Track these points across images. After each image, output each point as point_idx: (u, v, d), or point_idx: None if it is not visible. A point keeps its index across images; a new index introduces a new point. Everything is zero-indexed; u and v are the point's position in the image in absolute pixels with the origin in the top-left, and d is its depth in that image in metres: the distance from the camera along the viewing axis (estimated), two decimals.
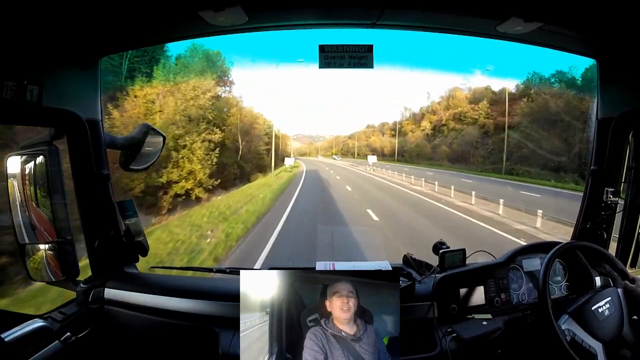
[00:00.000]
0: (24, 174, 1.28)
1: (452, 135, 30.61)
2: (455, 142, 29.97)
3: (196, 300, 1.42)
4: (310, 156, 48.57)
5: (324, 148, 52.19)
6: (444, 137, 31.51)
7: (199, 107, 17.49)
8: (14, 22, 0.99)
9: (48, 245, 1.31)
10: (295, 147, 48.04)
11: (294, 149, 47.89)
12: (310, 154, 50.41)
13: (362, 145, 44.72)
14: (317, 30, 1.49)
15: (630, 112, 1.46)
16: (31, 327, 1.19)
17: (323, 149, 51.88)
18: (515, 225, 9.28)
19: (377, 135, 42.83)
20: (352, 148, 46.91)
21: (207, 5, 1.11)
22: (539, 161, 21.11)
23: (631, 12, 1.10)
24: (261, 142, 23.81)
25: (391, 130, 40.51)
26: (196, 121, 17.29)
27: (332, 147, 50.83)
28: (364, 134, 45.57)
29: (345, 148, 48.36)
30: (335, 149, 49.66)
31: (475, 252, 1.66)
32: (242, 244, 8.03)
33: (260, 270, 1.25)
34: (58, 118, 1.26)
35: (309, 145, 51.71)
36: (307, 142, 51.71)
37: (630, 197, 1.59)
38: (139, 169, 1.53)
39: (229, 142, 19.94)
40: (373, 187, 17.91)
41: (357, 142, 45.63)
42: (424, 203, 13.28)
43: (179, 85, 17.18)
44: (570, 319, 1.32)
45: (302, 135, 50.77)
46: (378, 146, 40.62)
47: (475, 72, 29.45)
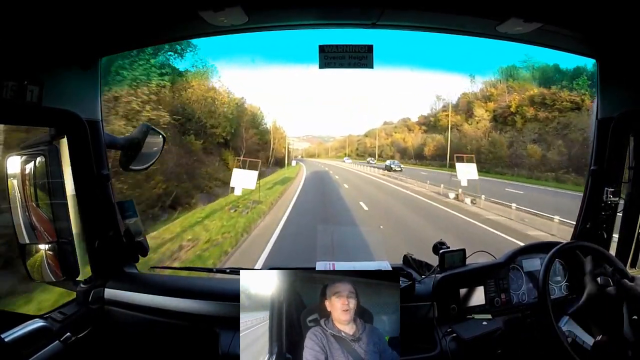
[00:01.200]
0: (24, 174, 1.28)
1: (531, 127, 21.31)
2: (551, 136, 19.44)
3: (196, 300, 1.42)
4: (319, 157, 45.20)
5: (335, 148, 48.13)
6: (518, 131, 21.97)
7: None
8: (14, 22, 0.99)
9: (48, 245, 1.31)
10: (304, 147, 46.42)
11: (303, 150, 46.21)
12: (320, 155, 47.26)
13: (384, 144, 38.76)
14: (317, 30, 1.49)
15: (630, 112, 1.46)
16: (31, 327, 1.19)
17: (334, 150, 47.62)
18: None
19: (402, 131, 36.82)
20: (370, 148, 40.97)
21: (207, 5, 1.12)
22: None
23: (631, 12, 1.10)
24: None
25: (422, 126, 33.32)
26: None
27: (344, 147, 46.29)
28: (382, 131, 39.96)
29: (361, 148, 42.94)
30: (349, 149, 44.51)
31: (475, 252, 1.66)
32: None
33: (260, 270, 1.25)
34: (58, 118, 1.26)
35: (319, 146, 49.01)
36: (317, 142, 50.07)
37: (630, 197, 1.59)
38: (139, 169, 1.53)
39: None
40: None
41: (377, 141, 39.71)
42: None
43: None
44: (570, 320, 1.32)
45: (312, 135, 49.26)
46: (409, 144, 34.14)
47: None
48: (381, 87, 52.37)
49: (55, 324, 1.28)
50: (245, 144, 20.95)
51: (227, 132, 19.75)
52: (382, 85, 51.85)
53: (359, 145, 44.17)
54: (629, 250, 1.64)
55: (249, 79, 39.81)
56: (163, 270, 1.78)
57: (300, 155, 45.37)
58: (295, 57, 31.28)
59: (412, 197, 14.16)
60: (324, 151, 49.23)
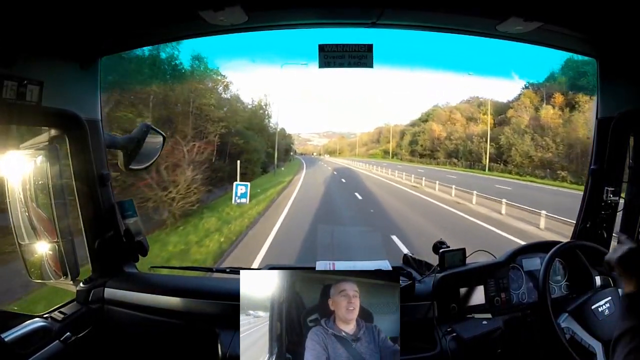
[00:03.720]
0: (24, 174, 1.28)
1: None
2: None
3: (196, 300, 1.42)
4: (342, 155, 36.87)
5: (363, 143, 36.72)
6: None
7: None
8: (14, 21, 0.99)
9: (48, 245, 1.31)
10: (323, 143, 41.86)
11: (322, 147, 41.83)
12: (342, 151, 39.09)
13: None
14: (317, 30, 1.49)
15: (630, 111, 1.46)
16: (31, 327, 1.19)
17: (363, 145, 35.85)
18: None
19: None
20: (441, 142, 26.29)
21: (207, 5, 1.11)
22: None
23: (631, 12, 1.10)
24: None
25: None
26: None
27: (377, 139, 33.50)
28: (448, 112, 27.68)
29: (428, 142, 27.30)
30: (393, 143, 30.12)
31: (475, 252, 1.66)
32: None
33: (260, 270, 1.25)
34: (58, 118, 1.26)
35: (340, 141, 42.92)
36: (338, 137, 47.07)
37: (630, 197, 1.59)
38: (139, 169, 1.53)
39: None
40: None
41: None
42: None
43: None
44: (570, 317, 1.32)
45: (332, 131, 46.64)
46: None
47: None
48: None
49: (55, 323, 1.28)
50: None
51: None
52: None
53: (416, 137, 29.26)
54: None
55: (249, 79, 39.50)
56: (163, 270, 1.78)
57: (319, 152, 40.85)
58: (294, 57, 30.93)
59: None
60: (347, 147, 41.91)
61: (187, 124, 15.50)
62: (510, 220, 10.61)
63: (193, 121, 15.97)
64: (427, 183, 18.30)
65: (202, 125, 16.35)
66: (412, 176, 20.56)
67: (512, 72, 26.93)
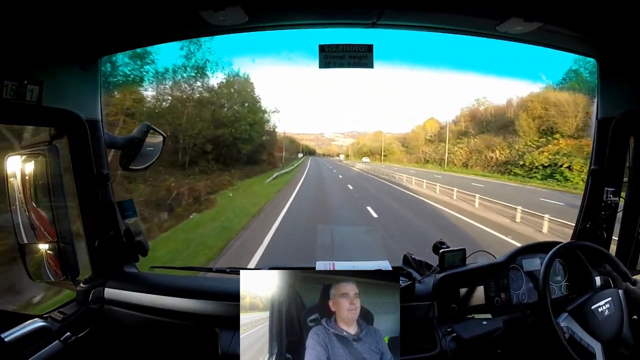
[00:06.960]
0: (24, 174, 1.28)
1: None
2: None
3: (196, 300, 1.42)
4: (389, 160, 35.73)
5: (371, 145, 36.55)
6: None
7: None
8: (14, 22, 0.99)
9: (48, 245, 1.31)
10: (348, 143, 39.84)
11: (348, 146, 40.73)
12: (392, 152, 38.14)
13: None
14: (317, 30, 1.49)
15: (630, 112, 1.46)
16: (31, 327, 1.19)
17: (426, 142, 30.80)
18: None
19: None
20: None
21: (207, 5, 1.11)
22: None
23: (631, 12, 1.10)
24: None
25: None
26: None
27: (406, 143, 32.61)
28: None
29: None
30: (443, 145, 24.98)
31: (475, 252, 1.66)
32: None
33: (260, 270, 1.25)
34: (58, 118, 1.25)
35: (376, 136, 42.42)
36: (357, 135, 45.71)
37: (630, 197, 1.59)
38: (139, 169, 1.53)
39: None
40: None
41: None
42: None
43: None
44: (569, 317, 1.32)
45: (357, 132, 44.98)
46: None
47: None
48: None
49: (55, 323, 1.28)
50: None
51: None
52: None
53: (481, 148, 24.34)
54: (629, 250, 1.64)
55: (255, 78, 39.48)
56: (163, 270, 1.78)
57: (345, 154, 40.74)
58: (297, 56, 30.92)
59: None
60: (397, 148, 42.00)
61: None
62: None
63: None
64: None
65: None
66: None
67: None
